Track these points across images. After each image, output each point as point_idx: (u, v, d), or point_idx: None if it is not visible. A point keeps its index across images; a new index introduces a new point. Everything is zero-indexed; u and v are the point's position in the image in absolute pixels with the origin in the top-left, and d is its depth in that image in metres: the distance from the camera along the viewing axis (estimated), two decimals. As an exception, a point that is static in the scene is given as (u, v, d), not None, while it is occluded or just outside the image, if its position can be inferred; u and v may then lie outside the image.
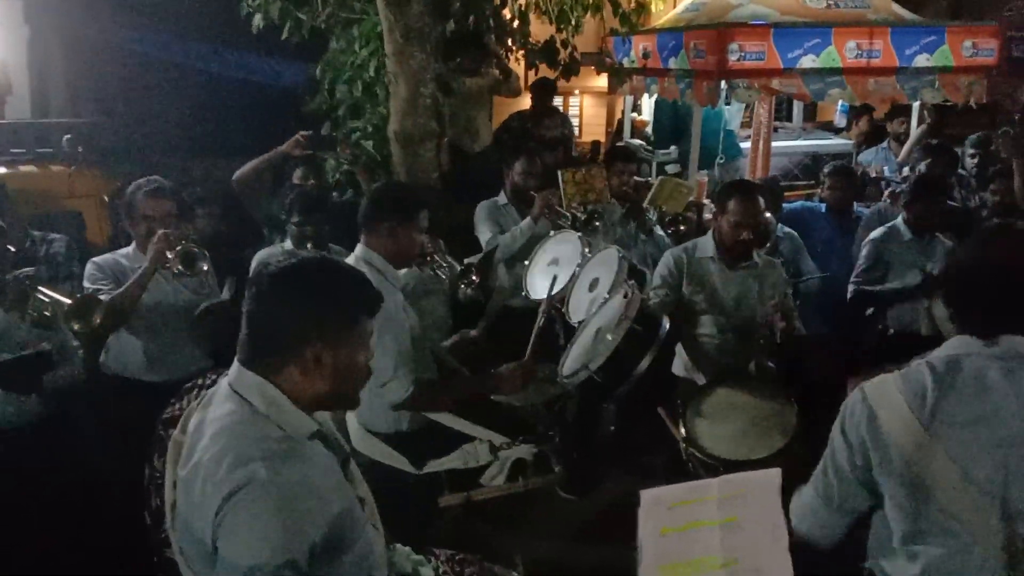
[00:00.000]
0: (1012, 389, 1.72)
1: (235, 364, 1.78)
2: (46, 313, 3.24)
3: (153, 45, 7.40)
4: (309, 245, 3.92)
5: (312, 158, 5.05)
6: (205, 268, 3.53)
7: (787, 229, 4.91)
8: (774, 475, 1.62)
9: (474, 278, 3.71)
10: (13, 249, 3.55)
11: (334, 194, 5.00)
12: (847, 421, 1.86)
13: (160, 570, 1.88)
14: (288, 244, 4.06)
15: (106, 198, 4.95)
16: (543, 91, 6.57)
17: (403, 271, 3.56)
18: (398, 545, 2.08)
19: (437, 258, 3.63)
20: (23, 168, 4.85)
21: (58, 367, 3.39)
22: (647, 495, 1.52)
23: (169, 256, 3.41)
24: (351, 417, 3.09)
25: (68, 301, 3.23)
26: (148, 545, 1.99)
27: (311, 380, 1.74)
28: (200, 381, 2.40)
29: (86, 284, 3.49)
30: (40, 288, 3.29)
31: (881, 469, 1.79)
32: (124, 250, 3.68)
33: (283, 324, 1.73)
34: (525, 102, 6.92)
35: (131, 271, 3.48)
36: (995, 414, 1.71)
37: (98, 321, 3.25)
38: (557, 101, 7.55)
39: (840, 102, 7.53)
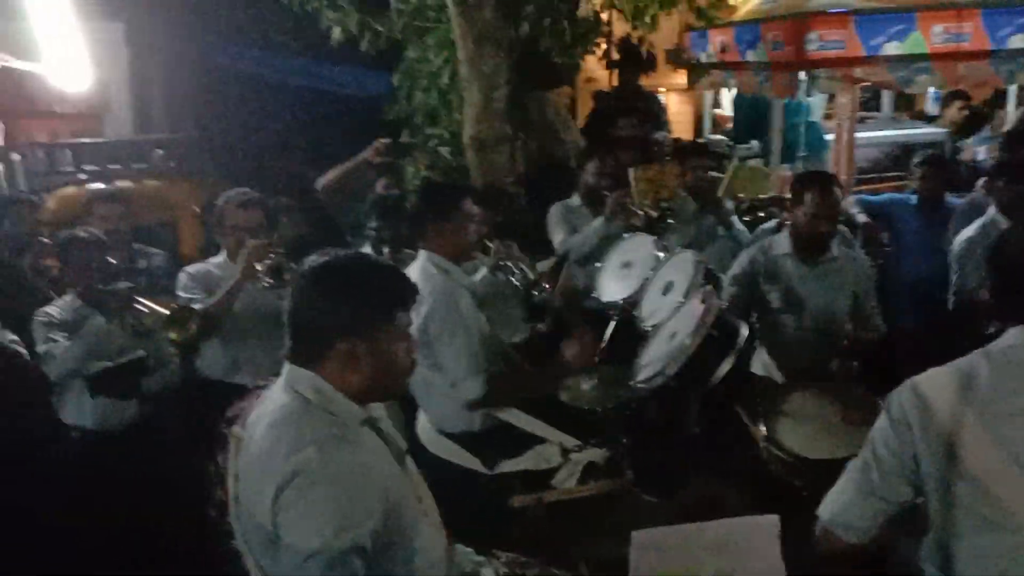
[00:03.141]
0: None
1: (285, 362, 1.87)
2: (144, 323, 3.44)
3: (245, 61, 7.72)
4: (385, 249, 4.02)
5: (393, 165, 5.16)
6: (290, 279, 3.63)
7: None
8: (772, 521, 1.60)
9: (545, 286, 3.70)
10: (114, 261, 3.75)
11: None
12: (894, 409, 1.81)
13: (226, 561, 1.97)
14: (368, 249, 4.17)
15: (198, 209, 5.16)
16: (629, 60, 6.30)
17: (478, 276, 3.61)
18: (459, 545, 2.13)
19: (510, 264, 3.64)
20: (119, 183, 5.09)
21: (154, 373, 3.60)
22: (638, 536, 1.52)
23: (258, 268, 3.52)
24: (422, 417, 3.16)
25: (166, 312, 3.41)
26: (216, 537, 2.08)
27: (351, 373, 1.80)
28: (262, 383, 2.52)
29: (179, 293, 3.63)
30: (139, 299, 3.49)
31: (929, 459, 1.75)
32: (215, 259, 3.81)
33: (316, 320, 1.82)
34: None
35: (222, 280, 3.60)
36: None
37: (194, 330, 3.41)
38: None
39: (931, 88, 7.22)
